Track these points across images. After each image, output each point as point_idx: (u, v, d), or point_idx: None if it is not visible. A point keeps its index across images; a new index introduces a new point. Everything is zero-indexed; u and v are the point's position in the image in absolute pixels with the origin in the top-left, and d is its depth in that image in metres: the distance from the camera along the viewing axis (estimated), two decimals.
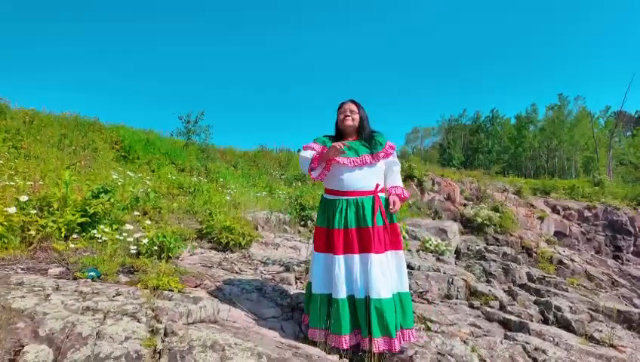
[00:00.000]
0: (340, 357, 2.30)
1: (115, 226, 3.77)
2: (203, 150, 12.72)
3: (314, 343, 2.37)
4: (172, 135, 13.12)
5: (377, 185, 2.54)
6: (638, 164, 30.06)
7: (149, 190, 5.68)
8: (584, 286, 6.90)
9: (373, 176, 2.54)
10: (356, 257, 2.39)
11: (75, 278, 2.73)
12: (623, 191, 18.98)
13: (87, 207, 3.62)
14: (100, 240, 3.44)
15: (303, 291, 3.22)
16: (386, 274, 2.37)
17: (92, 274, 2.80)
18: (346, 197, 2.49)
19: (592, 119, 34.55)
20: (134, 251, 3.35)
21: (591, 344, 3.22)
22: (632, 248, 15.71)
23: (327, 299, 2.42)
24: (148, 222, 4.12)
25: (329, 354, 2.28)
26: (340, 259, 2.39)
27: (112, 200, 3.91)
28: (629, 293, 10.68)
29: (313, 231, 2.77)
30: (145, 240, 3.43)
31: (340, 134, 2.69)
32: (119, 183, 5.57)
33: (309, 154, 2.54)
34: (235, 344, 1.86)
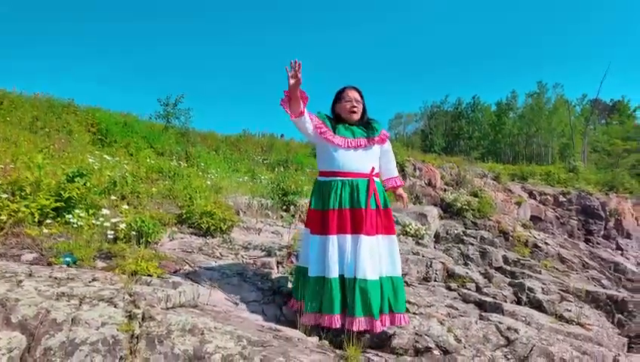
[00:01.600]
0: (320, 338, 2.33)
1: (91, 211, 3.68)
2: (183, 134, 12.46)
3: (294, 326, 2.40)
4: (151, 118, 12.79)
5: (373, 169, 2.57)
6: (610, 151, 31.09)
7: (126, 174, 5.56)
8: (556, 269, 7.18)
9: (368, 159, 2.57)
10: (349, 237, 2.42)
11: (49, 264, 2.67)
12: (596, 177, 19.68)
13: (61, 192, 3.51)
14: (75, 226, 3.35)
15: (285, 275, 3.24)
16: (374, 257, 2.42)
17: (67, 259, 2.74)
18: (340, 178, 2.50)
19: (569, 107, 35.36)
20: (112, 236, 3.29)
21: (560, 323, 3.37)
22: (602, 232, 16.38)
23: (323, 281, 2.44)
24: (126, 206, 4.04)
25: (309, 336, 2.31)
26: (333, 239, 2.41)
27: (88, 184, 3.80)
28: (598, 275, 11.17)
29: (306, 215, 2.73)
30: (123, 225, 3.37)
31: (338, 119, 2.66)
32: (96, 167, 5.42)
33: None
34: (215, 328, 1.86)
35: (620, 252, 15.35)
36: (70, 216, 3.43)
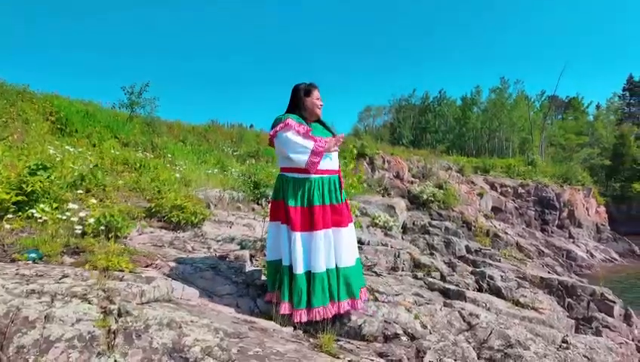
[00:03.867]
0: (295, 328, 2.41)
1: (55, 205, 3.56)
2: (148, 124, 12.07)
3: (269, 317, 2.46)
4: (114, 107, 12.29)
5: (339, 166, 2.75)
6: (565, 146, 32.89)
7: (91, 166, 5.38)
8: (514, 257, 7.61)
9: (337, 158, 2.74)
10: (330, 231, 2.54)
11: (13, 260, 2.59)
12: (552, 170, 20.80)
13: (23, 185, 3.38)
14: (39, 220, 3.24)
15: (259, 268, 3.28)
16: (351, 244, 2.64)
17: (33, 255, 2.66)
18: (320, 176, 2.59)
19: (529, 102, 36.98)
20: (79, 231, 3.20)
21: (517, 308, 3.62)
22: (556, 221, 17.44)
23: (308, 276, 2.51)
24: (93, 201, 3.92)
25: (284, 326, 2.38)
26: (320, 234, 2.50)
27: (51, 177, 3.67)
28: (552, 262, 11.93)
29: (279, 211, 2.67)
30: (91, 220, 3.28)
31: (303, 116, 2.67)
32: (57, 158, 5.20)
33: (308, 143, 2.49)
34: (192, 321, 1.89)
35: (572, 240, 16.44)
36: (33, 210, 3.31)
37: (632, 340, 4.23)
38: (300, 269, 2.48)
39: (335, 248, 2.54)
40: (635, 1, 73.40)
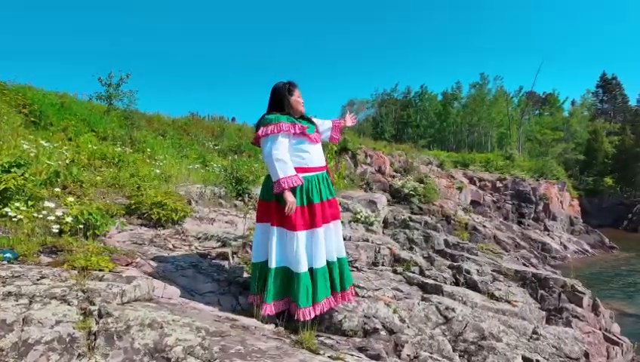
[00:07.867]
0: (276, 325, 2.45)
1: (30, 203, 3.48)
2: (127, 117, 11.78)
3: (251, 314, 2.49)
4: (91, 99, 11.95)
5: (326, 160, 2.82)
6: (542, 141, 33.81)
7: (67, 161, 5.25)
8: (491, 250, 7.82)
9: (322, 152, 2.79)
10: (331, 225, 2.63)
11: None
12: (529, 165, 21.42)
13: None
14: (14, 219, 3.16)
15: (241, 265, 3.30)
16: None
17: (8, 255, 2.61)
18: (316, 173, 2.64)
19: (507, 98, 37.78)
20: (56, 230, 3.15)
21: (492, 301, 3.76)
22: (532, 214, 18.00)
23: (311, 272, 2.55)
24: (71, 199, 3.85)
25: (265, 324, 2.42)
26: (320, 231, 2.55)
27: (26, 174, 3.58)
28: (528, 254, 12.31)
29: (281, 214, 2.60)
30: (69, 218, 3.23)
31: (290, 114, 2.66)
32: (32, 154, 5.06)
33: (285, 167, 2.45)
34: (173, 320, 1.91)
35: (546, 233, 17.01)
36: (8, 209, 3.23)
37: (599, 329, 4.45)
38: (304, 268, 2.50)
39: (335, 240, 2.65)
40: (610, 2, 75.80)
